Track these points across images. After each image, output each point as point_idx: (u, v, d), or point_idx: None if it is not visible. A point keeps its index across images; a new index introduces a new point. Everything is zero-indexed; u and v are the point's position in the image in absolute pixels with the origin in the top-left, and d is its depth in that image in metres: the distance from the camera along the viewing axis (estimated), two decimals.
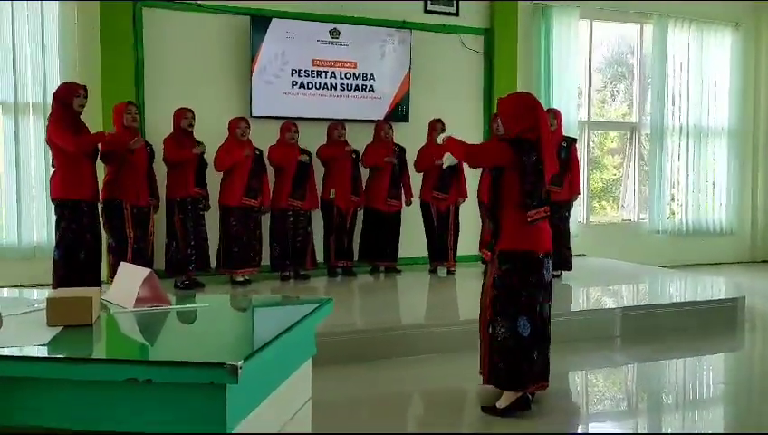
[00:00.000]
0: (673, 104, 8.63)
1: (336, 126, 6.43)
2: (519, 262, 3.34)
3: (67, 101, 5.07)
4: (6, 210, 6.21)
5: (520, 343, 3.34)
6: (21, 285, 3.23)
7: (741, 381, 4.37)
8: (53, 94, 5.17)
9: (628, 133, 8.88)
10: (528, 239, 3.33)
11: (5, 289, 2.32)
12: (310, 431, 2.17)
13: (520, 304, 3.34)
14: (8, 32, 6.11)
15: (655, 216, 8.58)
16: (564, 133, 6.51)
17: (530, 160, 3.31)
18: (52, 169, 5.20)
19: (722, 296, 5.87)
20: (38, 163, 6.24)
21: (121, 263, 2.40)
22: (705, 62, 8.75)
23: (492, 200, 3.47)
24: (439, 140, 3.67)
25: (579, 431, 3.50)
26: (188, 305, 2.21)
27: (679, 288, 6.46)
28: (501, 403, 3.41)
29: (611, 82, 9.35)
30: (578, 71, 8.16)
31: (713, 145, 8.89)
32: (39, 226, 6.25)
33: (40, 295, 2.24)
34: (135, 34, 6.34)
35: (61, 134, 4.98)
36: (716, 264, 8.70)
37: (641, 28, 8.68)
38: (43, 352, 1.62)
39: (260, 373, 1.62)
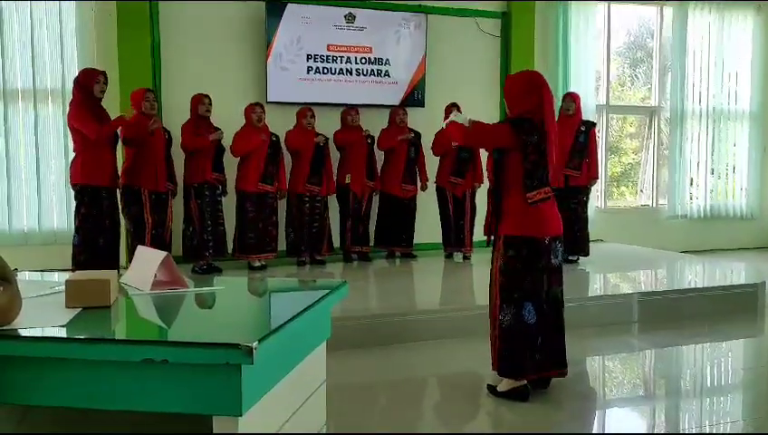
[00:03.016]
0: (693, 88, 8.51)
1: (349, 111, 6.43)
2: (524, 248, 3.31)
3: (88, 88, 5.10)
4: (27, 196, 6.29)
5: (524, 331, 3.33)
6: (42, 270, 3.24)
7: (761, 367, 4.32)
8: (74, 80, 5.20)
9: (648, 117, 8.78)
10: (532, 224, 3.31)
11: (27, 273, 2.35)
12: (324, 414, 2.18)
13: (525, 290, 3.32)
14: (26, 19, 6.16)
15: (674, 200, 8.49)
16: (583, 117, 6.45)
17: (531, 140, 3.27)
18: (72, 155, 5.25)
19: (742, 282, 5.80)
20: (57, 149, 6.31)
21: (138, 246, 2.41)
22: (726, 46, 8.60)
23: (494, 182, 3.45)
24: (443, 124, 3.68)
25: (595, 416, 3.49)
26: (205, 288, 2.22)
27: (698, 273, 6.40)
28: (501, 387, 3.42)
29: (630, 66, 9.22)
30: (596, 54, 8.07)
31: (733, 129, 8.76)
32: (59, 211, 6.33)
33: (59, 278, 2.26)
34: (151, 21, 6.36)
35: (82, 121, 5.02)
36: (736, 249, 8.60)
37: (661, 11, 8.55)
38: (61, 332, 1.64)
39: (275, 355, 1.63)
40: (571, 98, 6.33)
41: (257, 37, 6.70)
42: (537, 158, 3.28)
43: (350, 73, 6.96)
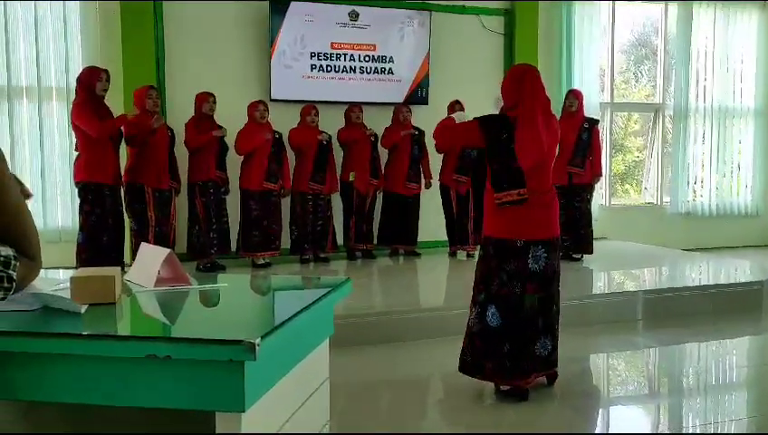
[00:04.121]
0: (697, 85, 8.48)
1: (353, 109, 6.44)
2: (494, 249, 3.22)
3: (90, 86, 5.13)
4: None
5: (486, 333, 3.24)
6: (46, 268, 3.25)
7: (765, 365, 4.31)
8: (77, 78, 5.23)
9: (652, 115, 8.75)
10: (506, 226, 3.20)
11: None
12: (327, 411, 2.18)
13: (490, 293, 3.23)
14: (30, 17, 6.17)
15: (678, 198, 8.46)
16: (586, 115, 6.44)
17: (498, 138, 3.15)
18: (76, 153, 5.27)
19: (746, 279, 5.78)
20: (61, 147, 6.32)
21: (142, 244, 2.42)
22: (730, 42, 8.57)
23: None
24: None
25: (599, 414, 3.49)
26: (208, 285, 2.22)
27: (702, 271, 6.38)
28: (503, 385, 3.38)
29: (635, 64, 9.20)
30: (600, 52, 8.05)
31: (738, 126, 8.74)
32: (63, 209, 6.35)
33: (64, 276, 2.27)
34: (155, 19, 6.37)
35: (84, 119, 5.05)
36: (741, 246, 8.57)
37: (665, 8, 8.52)
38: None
39: (278, 351, 1.63)
40: (574, 95, 6.31)
41: (261, 35, 6.71)
42: (505, 157, 3.14)
43: (354, 71, 6.95)
